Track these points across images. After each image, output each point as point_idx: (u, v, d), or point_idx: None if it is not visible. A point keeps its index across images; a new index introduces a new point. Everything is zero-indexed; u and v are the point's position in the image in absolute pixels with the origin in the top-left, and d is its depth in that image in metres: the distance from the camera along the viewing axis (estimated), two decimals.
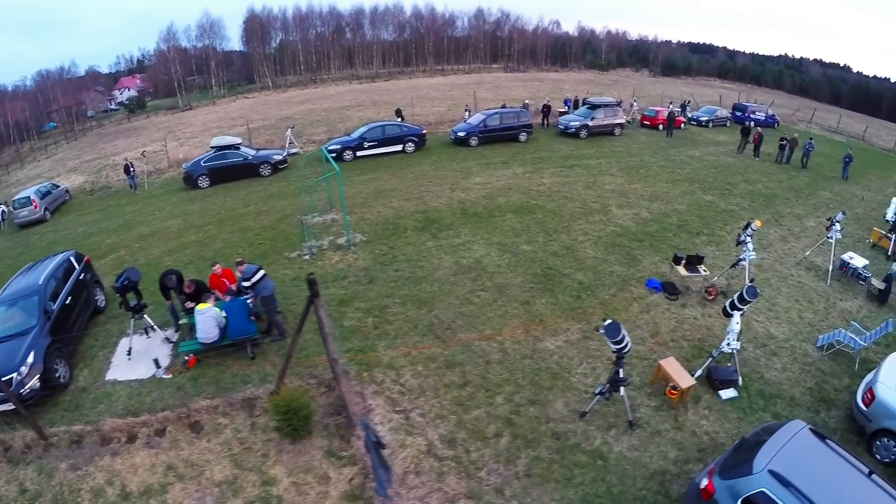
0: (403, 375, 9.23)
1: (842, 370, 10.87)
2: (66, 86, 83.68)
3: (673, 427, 8.50)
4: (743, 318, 10.03)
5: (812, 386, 10.29)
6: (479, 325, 10.90)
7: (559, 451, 7.77)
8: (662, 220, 17.75)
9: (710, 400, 9.23)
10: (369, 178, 22.29)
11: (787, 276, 14.69)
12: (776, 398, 9.78)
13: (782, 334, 11.90)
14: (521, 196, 19.50)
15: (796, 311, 12.98)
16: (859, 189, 25.42)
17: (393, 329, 10.61)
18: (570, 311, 11.78)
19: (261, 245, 15.28)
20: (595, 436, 8.11)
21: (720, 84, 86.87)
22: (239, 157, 23.57)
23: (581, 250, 14.88)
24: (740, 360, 10.32)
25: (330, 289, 12.16)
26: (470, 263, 13.68)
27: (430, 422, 8.14)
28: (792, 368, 10.73)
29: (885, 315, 13.06)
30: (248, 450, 7.50)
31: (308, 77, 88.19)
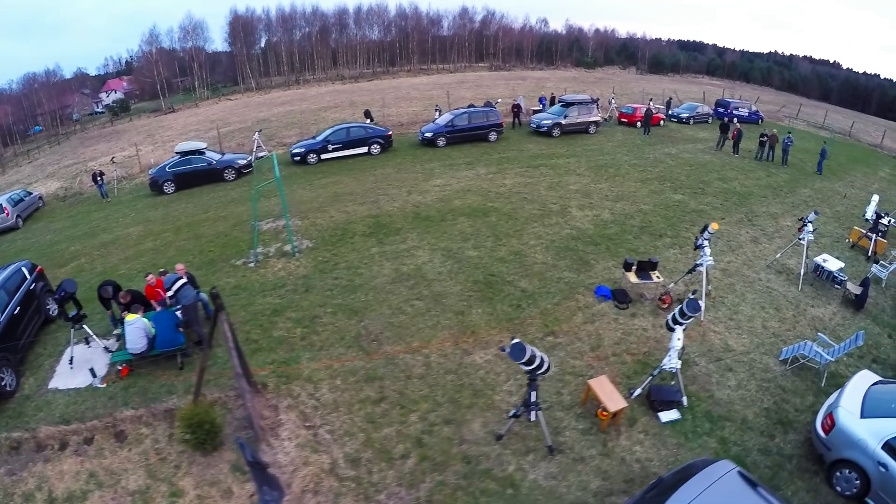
0: (321, 389, 8.80)
1: (806, 387, 9.79)
2: (52, 89, 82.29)
3: (600, 453, 7.70)
4: (686, 331, 9.10)
5: (769, 406, 9.20)
6: (407, 337, 10.31)
7: (467, 476, 7.17)
8: (624, 221, 16.73)
9: (647, 423, 8.35)
10: (330, 182, 21.80)
11: (754, 281, 13.58)
12: (725, 421, 8.71)
13: (741, 346, 10.80)
14: (479, 198, 18.66)
15: (760, 319, 11.87)
16: (842, 185, 24.47)
17: (320, 340, 10.16)
18: (507, 321, 10.98)
19: (210, 252, 14.81)
20: (510, 461, 7.41)
21: (708, 81, 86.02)
22: (203, 162, 23.20)
23: (530, 255, 14.04)
24: (689, 376, 9.48)
25: (266, 298, 11.79)
26: (410, 270, 13.07)
27: (337, 439, 7.73)
28: (748, 385, 9.64)
29: (861, 323, 12.09)
30: (164, 460, 7.48)
31: (292, 78, 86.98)
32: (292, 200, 18.30)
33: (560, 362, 9.68)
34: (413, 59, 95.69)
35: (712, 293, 12.58)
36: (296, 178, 23.29)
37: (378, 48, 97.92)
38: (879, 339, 11.46)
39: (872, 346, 11.12)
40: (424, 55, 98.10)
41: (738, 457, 8.01)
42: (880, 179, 28.51)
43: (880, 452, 7.24)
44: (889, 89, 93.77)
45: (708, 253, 11.23)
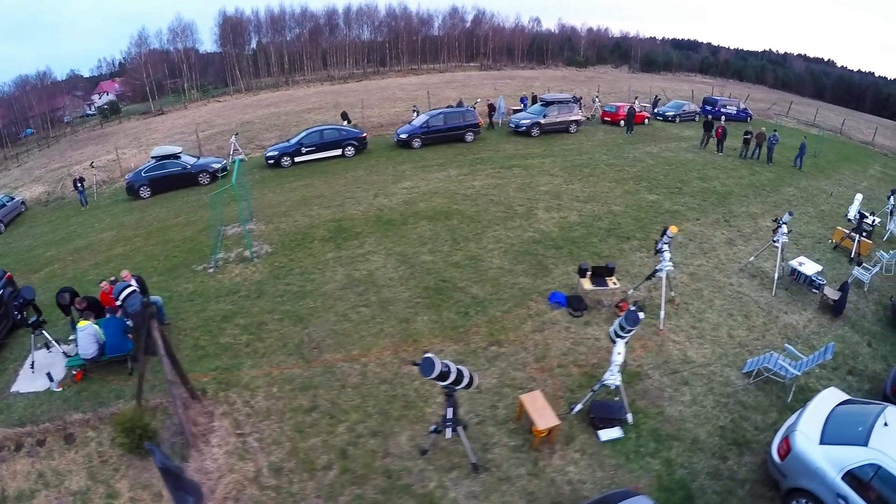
0: (256, 397, 8.66)
1: (769, 403, 9.00)
2: (44, 91, 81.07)
3: (529, 473, 7.18)
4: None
5: (726, 424, 8.43)
6: (348, 345, 10.01)
7: (386, 491, 6.89)
8: (592, 223, 15.99)
9: (586, 441, 7.75)
10: (300, 185, 21.40)
11: (724, 286, 12.77)
12: (673, 440, 7.96)
13: (702, 357, 10.01)
14: (445, 200, 18.07)
15: (727, 328, 11.07)
16: (829, 184, 23.67)
17: (263, 347, 9.96)
18: (452, 330, 10.51)
19: (175, 258, 14.60)
20: (432, 477, 7.04)
21: (700, 79, 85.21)
22: (178, 166, 22.97)
23: (486, 260, 13.49)
24: (639, 390, 8.90)
25: (220, 304, 11.63)
26: (362, 276, 12.69)
27: (265, 447, 7.59)
28: (704, 401, 8.88)
29: (839, 330, 11.36)
30: (105, 463, 7.55)
31: (282, 79, 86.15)
32: (261, 204, 18.32)
33: (500, 374, 9.21)
34: (403, 60, 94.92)
35: (676, 299, 11.82)
36: (268, 181, 22.90)
37: (368, 49, 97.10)
38: (858, 349, 10.72)
39: (850, 355, 10.42)
40: (414, 55, 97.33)
41: (683, 481, 7.30)
42: (870, 177, 27.72)
43: (840, 483, 6.43)
44: (883, 87, 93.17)
45: (667, 258, 10.42)
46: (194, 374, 8.86)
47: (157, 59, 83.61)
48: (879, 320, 11.89)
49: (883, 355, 10.53)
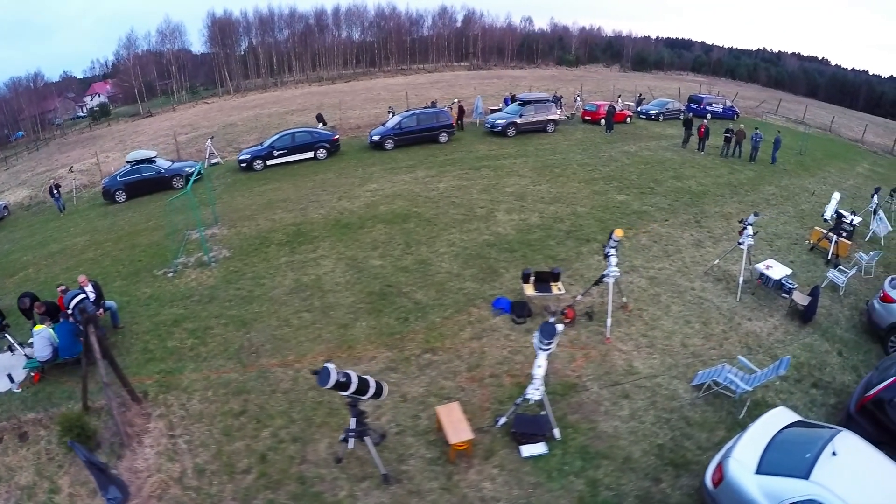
0: (192, 400, 8.70)
1: (718, 420, 8.26)
2: (35, 93, 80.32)
3: (441, 487, 6.85)
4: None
5: (665, 442, 7.72)
6: (285, 350, 9.90)
7: (297, 497, 6.79)
8: (552, 225, 15.36)
9: (507, 456, 7.28)
10: (268, 189, 21.22)
11: (685, 291, 12.05)
12: (602, 458, 7.32)
13: (648, 369, 9.31)
14: (406, 203, 17.63)
15: (681, 336, 10.34)
16: (813, 182, 22.97)
17: (206, 351, 9.97)
18: (388, 336, 10.23)
19: (139, 262, 14.60)
20: (343, 486, 6.90)
21: (692, 78, 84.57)
22: (152, 170, 23.00)
23: (435, 264, 13.07)
24: (574, 403, 8.31)
25: (172, 308, 11.67)
26: (310, 281, 12.46)
27: (192, 449, 7.67)
28: (644, 416, 8.18)
29: (807, 338, 10.61)
30: (51, 460, 7.77)
31: (271, 81, 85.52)
32: (228, 208, 18.42)
33: (429, 382, 8.88)
34: (392, 60, 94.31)
35: (629, 306, 11.13)
36: (239, 184, 22.69)
37: (357, 49, 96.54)
38: (826, 358, 9.97)
39: (816, 366, 9.68)
40: (404, 56, 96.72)
41: (608, 503, 6.68)
42: (857, 175, 27.03)
43: None
44: (877, 85, 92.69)
45: (613, 263, 9.70)
46: (139, 376, 9.12)
47: (146, 61, 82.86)
48: (853, 327, 11.17)
49: (854, 365, 9.82)
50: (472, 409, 8.11)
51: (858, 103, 79.93)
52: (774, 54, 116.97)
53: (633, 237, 14.61)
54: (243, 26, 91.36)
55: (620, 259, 12.95)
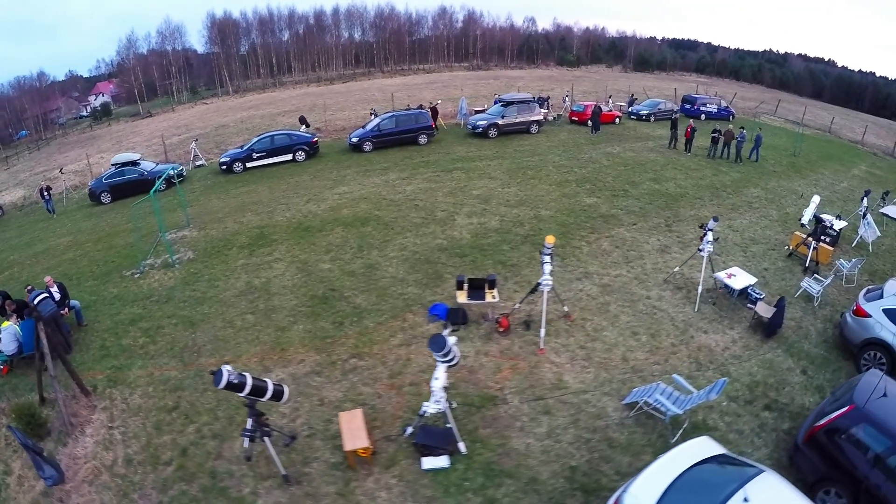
0: (134, 395, 9.06)
1: (646, 443, 7.70)
2: (39, 93, 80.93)
3: (337, 492, 6.85)
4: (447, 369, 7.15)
5: (580, 464, 7.22)
6: (223, 350, 10.13)
7: (206, 490, 7.04)
8: (511, 229, 14.89)
9: (407, 467, 7.17)
10: (244, 191, 21.21)
11: (639, 300, 11.44)
12: (506, 477, 6.97)
13: (579, 383, 8.80)
14: (369, 206, 17.35)
15: (624, 349, 9.77)
16: (804, 184, 22.03)
17: (155, 349, 10.30)
18: (320, 340, 10.25)
19: (113, 262, 14.91)
20: (248, 483, 7.06)
21: (694, 78, 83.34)
22: (136, 173, 23.30)
23: (382, 269, 12.91)
24: (490, 417, 7.99)
25: (133, 308, 11.98)
26: (260, 283, 12.57)
27: (125, 440, 8.07)
28: (563, 435, 7.70)
29: (768, 353, 9.97)
30: (9, 445, 8.12)
31: (270, 81, 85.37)
32: (203, 210, 18.73)
33: (349, 388, 8.86)
34: (391, 61, 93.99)
35: (572, 315, 10.54)
36: (217, 187, 22.73)
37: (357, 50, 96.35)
38: (787, 377, 9.24)
39: (773, 385, 8.97)
40: (403, 56, 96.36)
41: None
42: (852, 177, 26.10)
43: None
44: (883, 87, 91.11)
45: (547, 271, 9.09)
46: (93, 371, 9.61)
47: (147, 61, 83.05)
48: (824, 342, 10.42)
49: (819, 385, 9.07)
50: (385, 416, 8.02)
51: (864, 105, 78.43)
52: (780, 55, 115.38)
53: (595, 242, 14.04)
54: (243, 27, 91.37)
55: (574, 265, 12.53)
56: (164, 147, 33.11)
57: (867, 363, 9.39)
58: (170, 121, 57.02)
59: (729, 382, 8.58)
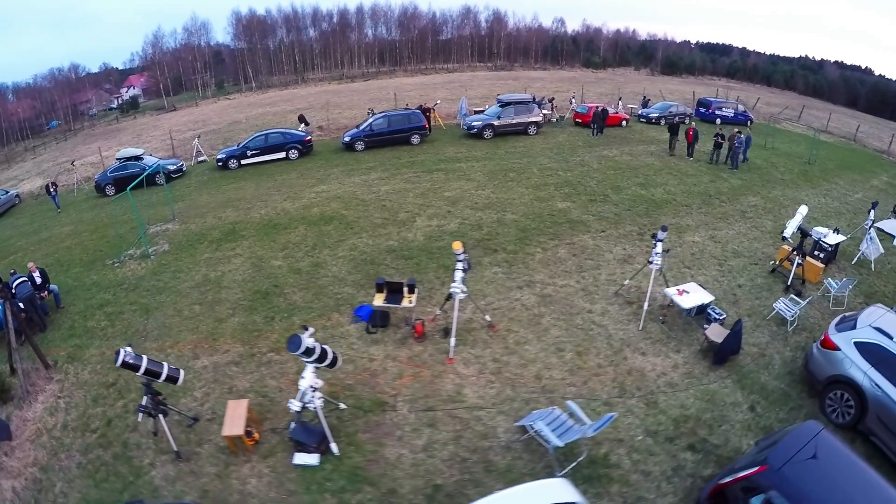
0: (85, 370, 9.84)
1: (527, 472, 7.11)
2: (69, 85, 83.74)
3: (217, 473, 7.25)
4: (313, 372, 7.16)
5: (446, 483, 6.90)
6: (166, 336, 10.74)
7: (116, 457, 7.72)
8: (467, 233, 14.55)
9: (282, 460, 7.38)
10: (233, 187, 21.62)
11: (579, 313, 10.78)
12: (368, 485, 6.90)
13: (478, 399, 8.41)
14: (339, 205, 17.38)
15: (540, 366, 9.13)
16: (813, 194, 20.60)
17: (112, 332, 11.03)
18: (249, 333, 10.60)
19: (101, 251, 15.67)
20: (149, 455, 7.65)
21: (724, 83, 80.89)
22: (137, 167, 24.03)
23: (327, 268, 13.01)
24: (374, 422, 7.96)
25: (104, 294, 12.74)
26: (214, 277, 13.03)
27: (67, 409, 8.88)
28: (440, 451, 7.42)
29: (713, 383, 8.86)
30: None
31: (295, 78, 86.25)
32: (191, 205, 19.43)
33: (258, 379, 9.17)
34: (414, 60, 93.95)
35: (497, 326, 10.17)
36: (211, 182, 23.29)
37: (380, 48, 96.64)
38: (729, 413, 8.16)
39: (707, 422, 7.93)
40: (425, 56, 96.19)
41: None
42: (870, 188, 24.43)
43: None
44: None
45: (458, 278, 8.66)
46: (58, 348, 10.55)
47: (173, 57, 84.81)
48: (788, 374, 9.13)
49: (766, 426, 7.85)
50: (279, 410, 8.22)
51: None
52: (816, 62, 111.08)
53: (552, 248, 13.49)
54: (268, 24, 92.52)
55: (520, 273, 12.08)
56: (172, 143, 33.93)
57: (833, 405, 8.13)
58: (191, 116, 58.28)
59: (653, 415, 7.97)
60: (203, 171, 25.85)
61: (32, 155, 53.79)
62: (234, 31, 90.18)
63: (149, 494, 7.09)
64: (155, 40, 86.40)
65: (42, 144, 59.28)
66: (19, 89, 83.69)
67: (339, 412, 8.01)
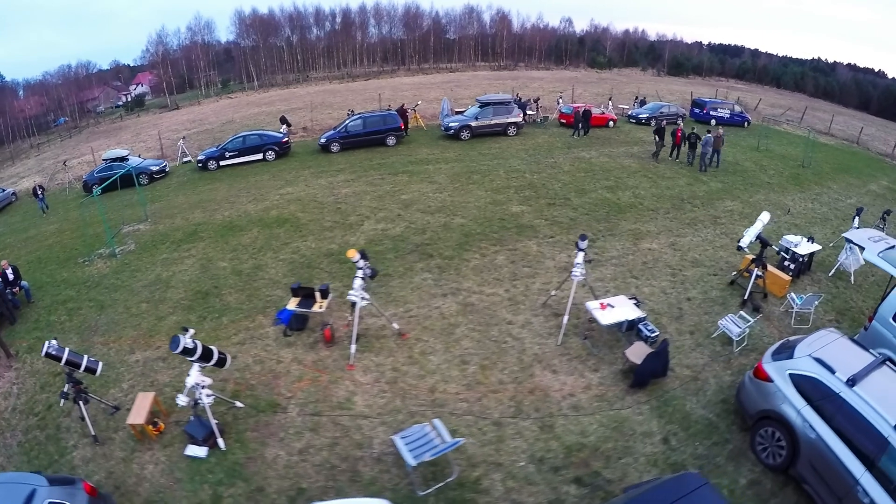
0: (38, 360, 10.28)
1: (390, 486, 6.95)
2: (77, 82, 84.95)
3: (122, 457, 7.77)
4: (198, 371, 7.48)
5: (310, 487, 7.02)
6: (111, 332, 11.19)
7: (49, 438, 8.30)
8: (409, 237, 14.52)
9: (178, 450, 7.81)
10: (207, 189, 22.03)
11: (497, 324, 10.36)
12: (242, 481, 7.17)
13: (366, 407, 8.40)
14: (297, 208, 17.58)
15: (438, 378, 8.89)
16: (800, 198, 19.45)
17: (70, 325, 11.63)
18: (180, 330, 10.72)
19: (75, 250, 16.26)
20: (73, 438, 8.25)
21: (731, 84, 79.45)
22: (122, 168, 24.87)
23: (266, 270, 13.27)
24: (263, 421, 8.17)
25: (70, 290, 13.37)
26: (166, 277, 13.45)
27: (18, 394, 9.56)
28: (314, 455, 7.54)
29: (628, 408, 8.12)
30: None
31: (293, 77, 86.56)
32: (167, 206, 20.07)
33: (176, 375, 9.55)
34: (416, 59, 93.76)
35: (407, 334, 10.11)
36: (190, 183, 23.77)
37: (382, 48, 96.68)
38: (635, 445, 7.31)
39: (607, 452, 7.19)
40: (427, 54, 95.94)
41: None
42: (867, 193, 22.82)
43: None
44: None
45: (356, 285, 8.48)
46: (22, 339, 11.16)
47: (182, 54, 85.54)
48: (721, 402, 8.20)
49: (676, 462, 7.06)
50: (157, 402, 8.59)
51: None
52: (829, 64, 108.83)
53: (491, 254, 13.25)
54: (272, 23, 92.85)
55: (449, 280, 11.95)
56: (161, 144, 34.39)
57: (763, 443, 7.18)
58: (191, 114, 58.78)
59: (545, 440, 7.47)
60: (185, 171, 26.31)
61: (37, 152, 54.47)
62: (237, 30, 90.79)
63: (68, 471, 7.64)
64: (159, 39, 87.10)
65: (47, 142, 59.97)
66: (29, 86, 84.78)
67: (236, 410, 8.24)
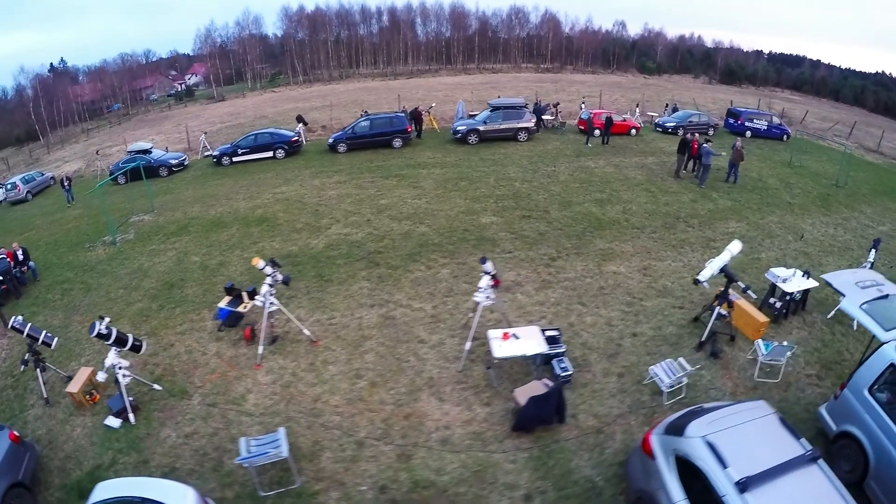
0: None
1: (241, 476, 7.50)
2: (130, 71, 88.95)
3: (62, 420, 8.81)
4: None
5: (182, 467, 7.71)
6: (89, 312, 12.08)
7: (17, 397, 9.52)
8: (366, 243, 14.72)
9: (102, 418, 8.76)
10: (215, 184, 22.84)
11: (409, 341, 10.32)
12: (134, 451, 8.12)
13: (254, 406, 8.96)
14: (280, 208, 18.18)
15: (326, 388, 9.08)
16: (822, 223, 17.21)
17: (61, 303, 12.82)
18: (142, 317, 11.92)
19: (86, 235, 17.50)
20: (31, 398, 9.35)
21: (784, 95, 75.15)
22: (145, 160, 26.03)
23: (229, 266, 14.01)
24: (171, 405, 8.99)
25: (70, 272, 14.55)
26: (147, 266, 14.35)
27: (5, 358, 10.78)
28: (195, 442, 8.22)
29: (498, 453, 7.53)
30: None
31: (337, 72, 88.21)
32: (174, 199, 21.03)
33: None
34: (461, 59, 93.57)
35: (318, 340, 10.37)
36: (202, 178, 25.00)
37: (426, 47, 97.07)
38: (489, 496, 6.80)
39: (459, 497, 6.82)
40: (473, 54, 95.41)
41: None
42: None
43: None
44: None
45: (263, 291, 9.34)
46: (20, 312, 11.36)
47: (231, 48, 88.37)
48: (619, 464, 7.24)
49: None
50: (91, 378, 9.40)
51: None
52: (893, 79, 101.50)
53: (436, 267, 13.17)
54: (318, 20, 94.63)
55: (382, 291, 12.12)
56: (188, 137, 36.01)
57: None
58: (233, 107, 60.72)
59: (396, 469, 7.30)
60: (202, 166, 27.25)
61: (86, 137, 57.04)
62: (283, 25, 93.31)
63: (22, 425, 8.70)
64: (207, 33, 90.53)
65: (97, 128, 62.73)
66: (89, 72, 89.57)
67: (154, 392, 9.06)
